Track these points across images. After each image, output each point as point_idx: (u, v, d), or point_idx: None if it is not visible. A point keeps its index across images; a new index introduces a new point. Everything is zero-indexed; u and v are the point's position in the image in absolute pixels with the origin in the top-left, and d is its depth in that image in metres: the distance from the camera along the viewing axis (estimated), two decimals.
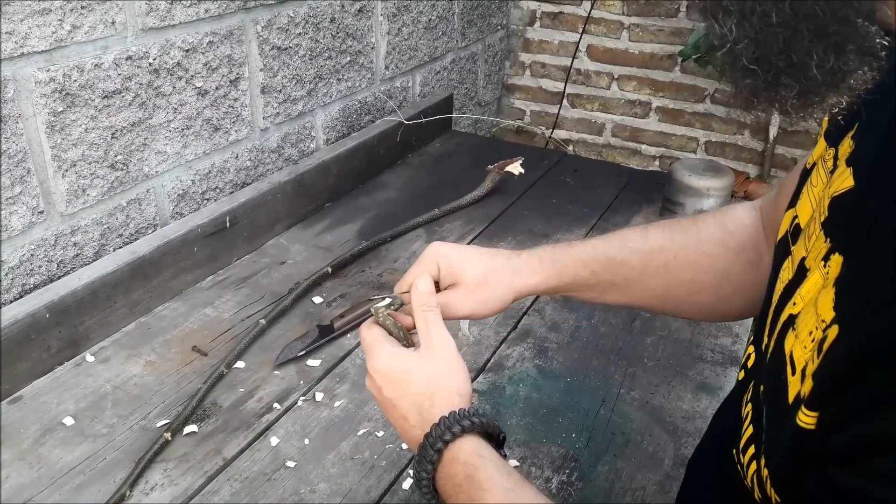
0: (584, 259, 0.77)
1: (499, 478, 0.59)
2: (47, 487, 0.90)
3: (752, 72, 0.43)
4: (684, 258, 0.76)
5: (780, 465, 0.49)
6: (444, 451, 0.62)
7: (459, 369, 0.67)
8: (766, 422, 0.52)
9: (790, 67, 0.42)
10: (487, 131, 2.61)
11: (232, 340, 1.17)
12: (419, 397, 0.65)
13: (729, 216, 0.78)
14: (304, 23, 1.57)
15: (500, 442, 0.65)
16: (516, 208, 1.65)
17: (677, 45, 2.32)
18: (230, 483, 0.92)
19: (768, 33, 0.42)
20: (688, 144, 2.49)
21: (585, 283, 0.77)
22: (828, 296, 0.47)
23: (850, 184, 0.50)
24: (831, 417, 0.43)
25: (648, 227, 0.79)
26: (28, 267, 1.15)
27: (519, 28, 2.58)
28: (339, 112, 1.77)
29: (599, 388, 1.09)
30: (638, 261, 0.77)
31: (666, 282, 0.77)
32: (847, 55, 0.40)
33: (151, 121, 1.29)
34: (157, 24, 1.24)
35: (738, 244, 0.75)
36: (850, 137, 0.53)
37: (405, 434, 0.67)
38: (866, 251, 0.46)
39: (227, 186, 1.49)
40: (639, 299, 0.80)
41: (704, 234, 0.77)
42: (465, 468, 0.60)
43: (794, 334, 0.50)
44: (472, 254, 0.77)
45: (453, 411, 0.63)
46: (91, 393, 1.05)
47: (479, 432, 0.63)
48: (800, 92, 0.43)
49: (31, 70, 1.08)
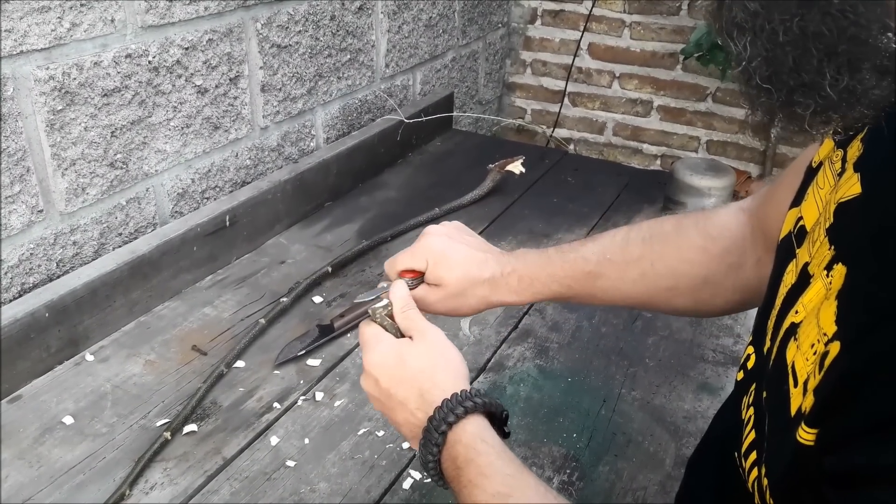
0: (560, 277, 0.78)
1: (499, 464, 0.60)
2: (47, 486, 0.90)
3: (767, 90, 0.43)
4: (662, 266, 0.77)
5: (780, 478, 0.49)
6: (448, 433, 0.62)
7: (455, 352, 0.68)
8: (768, 432, 0.52)
9: (802, 87, 0.41)
10: (488, 130, 2.61)
11: (232, 340, 1.17)
12: (418, 379, 0.66)
13: (712, 220, 0.78)
14: (303, 20, 1.57)
15: (504, 420, 0.66)
16: (517, 207, 1.64)
17: (679, 43, 2.31)
18: (230, 482, 0.92)
19: (778, 52, 0.41)
20: (689, 143, 2.49)
21: (562, 297, 0.80)
22: (830, 308, 0.46)
23: (857, 190, 0.50)
24: (829, 437, 0.43)
25: (630, 234, 0.80)
26: (27, 266, 1.14)
27: (520, 26, 2.57)
28: (340, 110, 1.76)
29: (600, 388, 1.09)
30: (615, 272, 0.78)
31: (644, 288, 0.78)
32: (862, 73, 0.40)
33: (151, 119, 1.28)
34: (157, 21, 1.24)
35: (721, 249, 0.75)
36: (860, 140, 0.52)
37: (406, 421, 0.66)
38: (869, 262, 0.45)
39: (226, 185, 1.49)
40: (618, 303, 0.82)
41: (685, 241, 0.77)
42: (467, 451, 0.60)
43: (796, 344, 0.49)
44: (458, 259, 0.77)
45: (455, 393, 0.63)
46: (91, 392, 1.05)
47: (482, 412, 0.63)
48: (817, 111, 0.42)
49: (31, 68, 1.07)
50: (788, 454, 0.46)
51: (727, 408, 0.70)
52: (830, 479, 0.42)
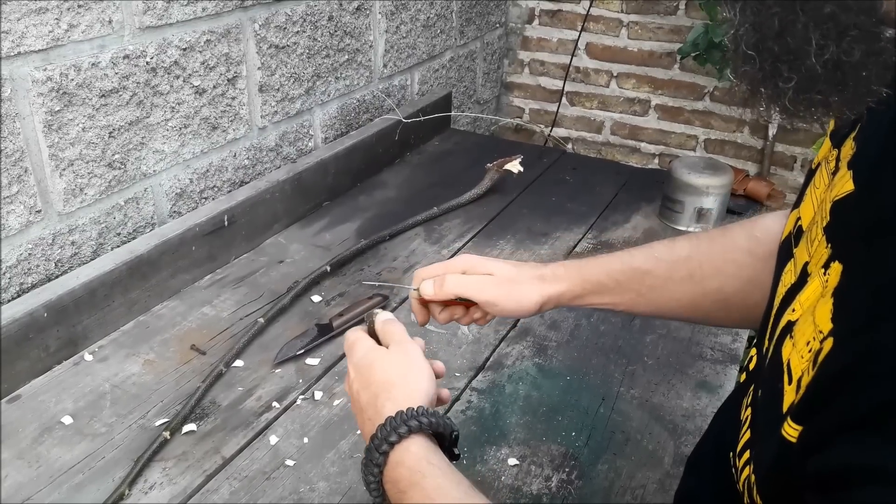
0: (609, 268, 0.77)
1: (447, 486, 0.57)
2: (46, 486, 0.90)
3: (751, 58, 0.43)
4: (710, 267, 0.76)
5: (766, 474, 0.49)
6: (391, 453, 0.60)
7: (425, 371, 0.67)
8: (759, 429, 0.52)
9: (787, 54, 0.41)
10: (486, 129, 2.61)
11: (231, 339, 1.17)
12: (378, 388, 0.65)
13: (757, 224, 0.78)
14: (301, 21, 1.57)
15: (453, 441, 0.64)
16: (515, 207, 1.64)
17: (676, 42, 2.31)
18: (229, 482, 0.92)
19: (765, 15, 0.41)
20: (687, 142, 2.49)
21: (610, 292, 0.78)
22: (826, 306, 0.46)
23: (850, 188, 0.50)
24: (812, 434, 0.43)
25: (676, 238, 0.81)
26: (26, 266, 1.14)
27: (518, 26, 2.58)
28: (338, 110, 1.76)
29: (599, 387, 1.09)
30: (663, 270, 0.77)
31: (692, 291, 0.77)
32: (850, 47, 0.39)
33: (149, 120, 1.28)
34: (155, 22, 1.24)
35: (767, 252, 0.74)
36: (853, 139, 0.53)
37: (362, 429, 0.65)
38: (864, 259, 0.45)
39: (225, 185, 1.49)
40: (666, 309, 0.80)
41: (731, 243, 0.77)
42: (412, 474, 0.58)
43: (792, 342, 0.49)
44: (500, 260, 0.80)
45: (401, 410, 0.61)
46: (90, 392, 1.05)
47: (428, 433, 0.61)
48: (800, 86, 0.42)
49: (29, 69, 1.07)
50: (774, 450, 0.46)
51: (726, 408, 0.71)
52: (813, 482, 0.42)
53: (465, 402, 1.06)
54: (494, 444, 0.98)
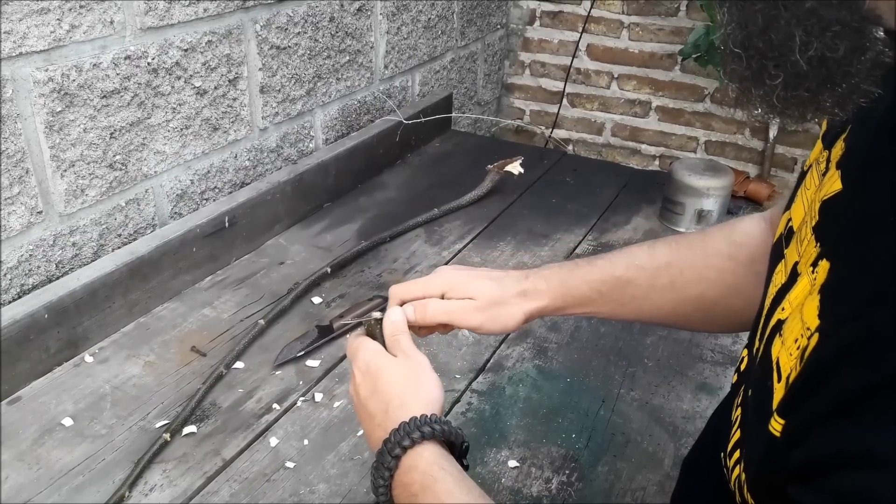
0: (590, 280, 0.77)
1: (458, 492, 0.57)
2: (46, 488, 0.90)
3: (738, 56, 0.43)
4: (691, 273, 0.76)
5: (755, 471, 0.49)
6: (403, 457, 0.60)
7: (434, 382, 0.67)
8: (749, 427, 0.52)
9: (772, 50, 0.41)
10: (487, 131, 2.61)
11: (231, 341, 1.17)
12: (388, 395, 0.65)
13: (737, 228, 0.77)
14: (302, 22, 1.57)
15: (463, 451, 0.64)
16: (516, 208, 1.64)
17: (677, 44, 2.31)
18: (229, 484, 0.92)
19: (749, 12, 0.41)
20: (688, 144, 2.49)
21: (593, 303, 0.77)
22: (813, 303, 0.46)
23: (838, 187, 0.50)
24: (795, 426, 0.43)
25: (656, 244, 0.79)
26: (27, 267, 1.14)
27: (518, 27, 2.58)
28: (339, 112, 1.76)
29: (599, 389, 1.09)
30: (644, 279, 0.76)
31: (673, 298, 0.76)
32: (834, 42, 0.39)
33: (150, 121, 1.28)
34: (156, 23, 1.24)
35: (747, 256, 0.74)
36: (842, 140, 0.53)
37: (370, 435, 0.65)
38: (850, 256, 0.45)
39: (225, 186, 1.49)
40: (648, 316, 0.80)
41: (711, 249, 0.76)
42: (423, 478, 0.58)
43: (781, 340, 0.49)
44: (481, 276, 0.77)
45: (414, 417, 0.61)
46: (90, 393, 1.05)
47: (440, 440, 0.61)
48: (787, 83, 0.42)
49: (30, 70, 1.07)
50: (762, 446, 0.46)
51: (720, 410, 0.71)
52: (796, 474, 0.42)
53: (466, 403, 1.06)
54: (494, 446, 0.98)
